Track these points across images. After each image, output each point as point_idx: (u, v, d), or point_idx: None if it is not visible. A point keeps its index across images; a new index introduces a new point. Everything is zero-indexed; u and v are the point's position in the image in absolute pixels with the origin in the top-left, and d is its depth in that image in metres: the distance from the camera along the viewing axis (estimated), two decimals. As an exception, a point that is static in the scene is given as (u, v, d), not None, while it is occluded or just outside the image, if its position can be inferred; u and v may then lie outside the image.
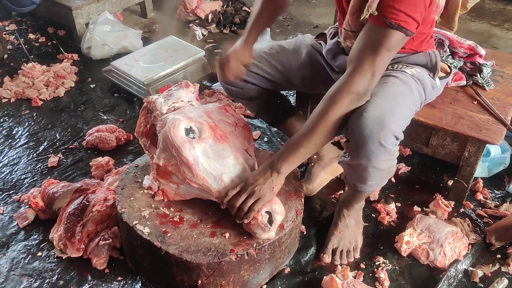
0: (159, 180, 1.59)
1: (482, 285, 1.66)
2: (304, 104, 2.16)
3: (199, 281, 1.48)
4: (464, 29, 3.42)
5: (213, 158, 1.50)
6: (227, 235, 1.50)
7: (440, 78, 1.75)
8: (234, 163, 1.53)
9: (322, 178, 2.01)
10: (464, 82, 2.00)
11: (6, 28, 3.40)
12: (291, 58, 1.85)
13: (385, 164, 1.48)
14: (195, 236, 1.50)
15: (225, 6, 3.69)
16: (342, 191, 2.03)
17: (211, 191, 1.49)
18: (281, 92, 2.02)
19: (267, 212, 1.46)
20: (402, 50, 1.60)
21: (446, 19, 2.86)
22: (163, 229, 1.51)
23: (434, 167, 2.16)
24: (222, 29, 3.50)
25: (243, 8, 3.68)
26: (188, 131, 1.50)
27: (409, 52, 1.63)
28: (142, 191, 1.65)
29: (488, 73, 2.02)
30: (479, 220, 1.91)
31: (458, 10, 2.78)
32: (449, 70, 1.84)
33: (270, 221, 1.46)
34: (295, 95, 2.27)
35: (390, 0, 1.33)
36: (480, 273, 1.69)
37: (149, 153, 1.65)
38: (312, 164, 2.01)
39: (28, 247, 1.77)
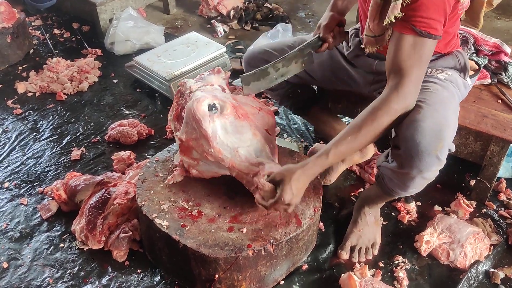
0: (182, 157, 1.63)
1: (503, 287, 1.63)
2: (325, 98, 2.14)
3: (216, 275, 1.49)
4: (489, 27, 3.35)
5: (231, 133, 1.55)
6: (244, 230, 1.51)
7: (470, 77, 1.72)
8: (252, 138, 1.57)
9: (340, 169, 2.02)
10: (488, 81, 1.97)
11: (32, 23, 3.47)
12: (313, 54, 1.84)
13: (433, 174, 1.48)
14: (213, 230, 1.51)
15: (247, 2, 3.69)
16: (362, 189, 2.01)
17: (225, 162, 1.52)
18: None
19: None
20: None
21: (471, 17, 2.80)
22: (182, 223, 1.53)
23: (456, 166, 2.13)
24: (243, 25, 3.50)
25: (265, 5, 3.68)
26: (211, 107, 1.55)
27: (435, 54, 1.61)
28: (162, 185, 1.67)
29: (514, 71, 1.98)
30: (501, 221, 1.87)
31: (483, 7, 2.72)
32: (477, 67, 1.81)
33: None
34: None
35: (417, 10, 1.32)
36: (501, 274, 1.66)
37: None
38: None
39: (51, 238, 1.81)
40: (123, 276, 1.67)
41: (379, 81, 1.69)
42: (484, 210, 1.92)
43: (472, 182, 2.02)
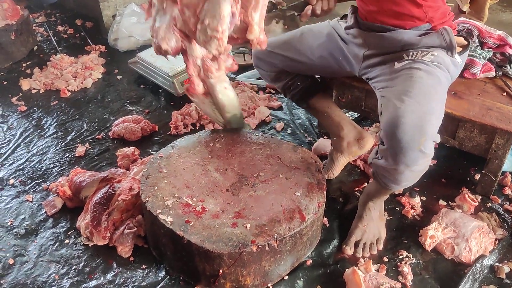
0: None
1: (508, 281, 1.62)
2: (325, 89, 2.13)
3: (221, 271, 1.49)
4: (495, 20, 3.32)
5: None
6: (248, 226, 1.51)
7: (460, 54, 1.68)
8: None
9: (341, 163, 2.02)
10: (493, 73, 1.95)
11: (36, 20, 3.48)
12: (314, 37, 1.88)
13: (421, 166, 1.48)
14: (217, 226, 1.51)
15: (250, -3, 3.68)
16: (366, 184, 2.01)
17: None
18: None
19: None
20: (418, 22, 1.60)
21: (476, 10, 2.79)
22: (186, 219, 1.53)
23: (460, 160, 2.12)
24: (247, 20, 3.49)
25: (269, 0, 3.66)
26: None
27: (425, 24, 1.61)
28: (166, 181, 1.67)
29: (519, 64, 1.96)
30: (506, 216, 1.86)
31: (488, 0, 2.71)
32: (466, 42, 1.76)
33: None
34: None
35: None
36: (506, 269, 1.66)
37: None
38: (331, 147, 2.02)
39: (56, 235, 1.82)
40: (128, 272, 1.67)
41: (368, 57, 1.70)
42: (489, 204, 1.91)
43: (477, 176, 2.01)
